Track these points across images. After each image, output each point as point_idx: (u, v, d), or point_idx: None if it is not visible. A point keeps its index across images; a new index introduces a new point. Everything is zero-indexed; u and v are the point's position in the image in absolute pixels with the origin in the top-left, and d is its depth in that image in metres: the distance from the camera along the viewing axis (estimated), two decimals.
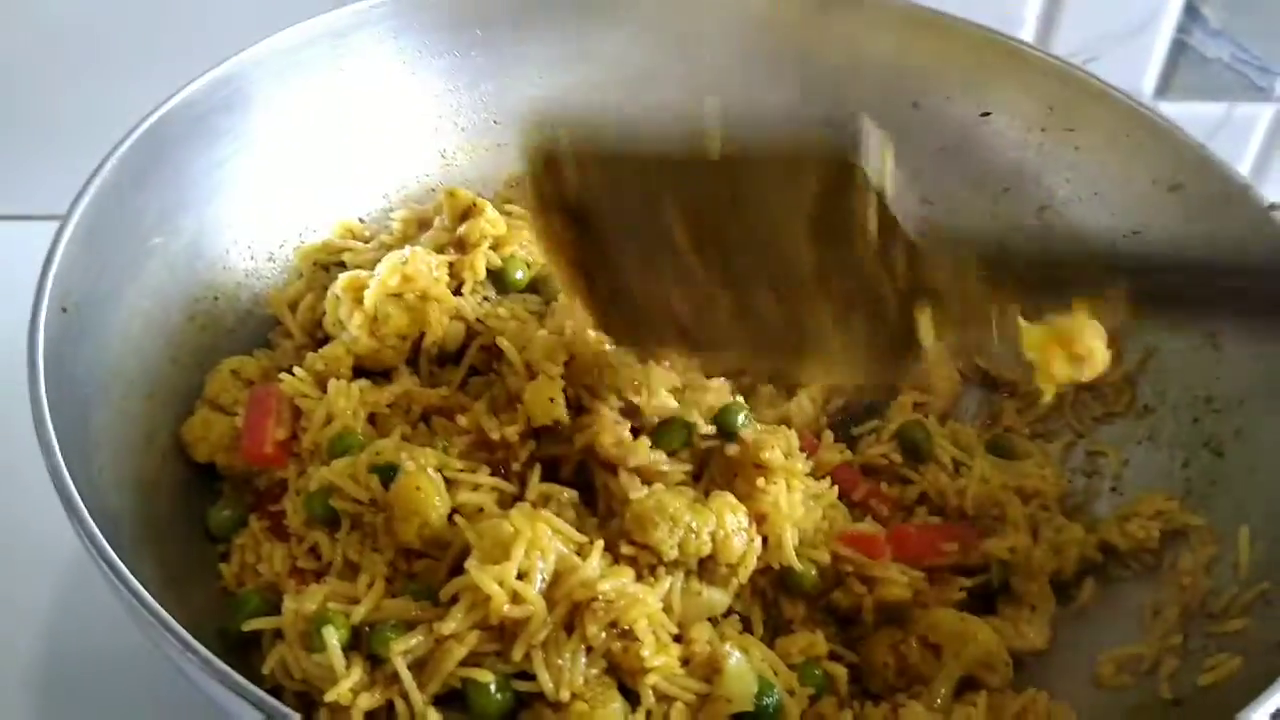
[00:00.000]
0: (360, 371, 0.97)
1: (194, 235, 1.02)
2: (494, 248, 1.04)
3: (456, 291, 1.00)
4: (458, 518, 0.83)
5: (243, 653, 0.84)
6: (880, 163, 0.75)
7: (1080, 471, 1.08)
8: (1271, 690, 0.76)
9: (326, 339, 1.00)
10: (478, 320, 0.98)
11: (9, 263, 0.95)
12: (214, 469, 0.97)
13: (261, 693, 0.66)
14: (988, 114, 1.17)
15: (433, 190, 1.18)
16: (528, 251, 1.05)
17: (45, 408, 0.78)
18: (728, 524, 0.84)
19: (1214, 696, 0.85)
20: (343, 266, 1.05)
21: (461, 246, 1.02)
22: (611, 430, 0.89)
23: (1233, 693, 0.83)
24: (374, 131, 1.15)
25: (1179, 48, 1.49)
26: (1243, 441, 0.98)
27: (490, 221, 1.04)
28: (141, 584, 0.71)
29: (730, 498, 0.86)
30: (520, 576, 0.78)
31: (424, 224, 1.08)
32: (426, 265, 0.97)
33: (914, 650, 0.89)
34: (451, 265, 1.01)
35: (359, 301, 0.95)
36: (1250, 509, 0.94)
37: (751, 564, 0.85)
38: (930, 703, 0.86)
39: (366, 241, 1.10)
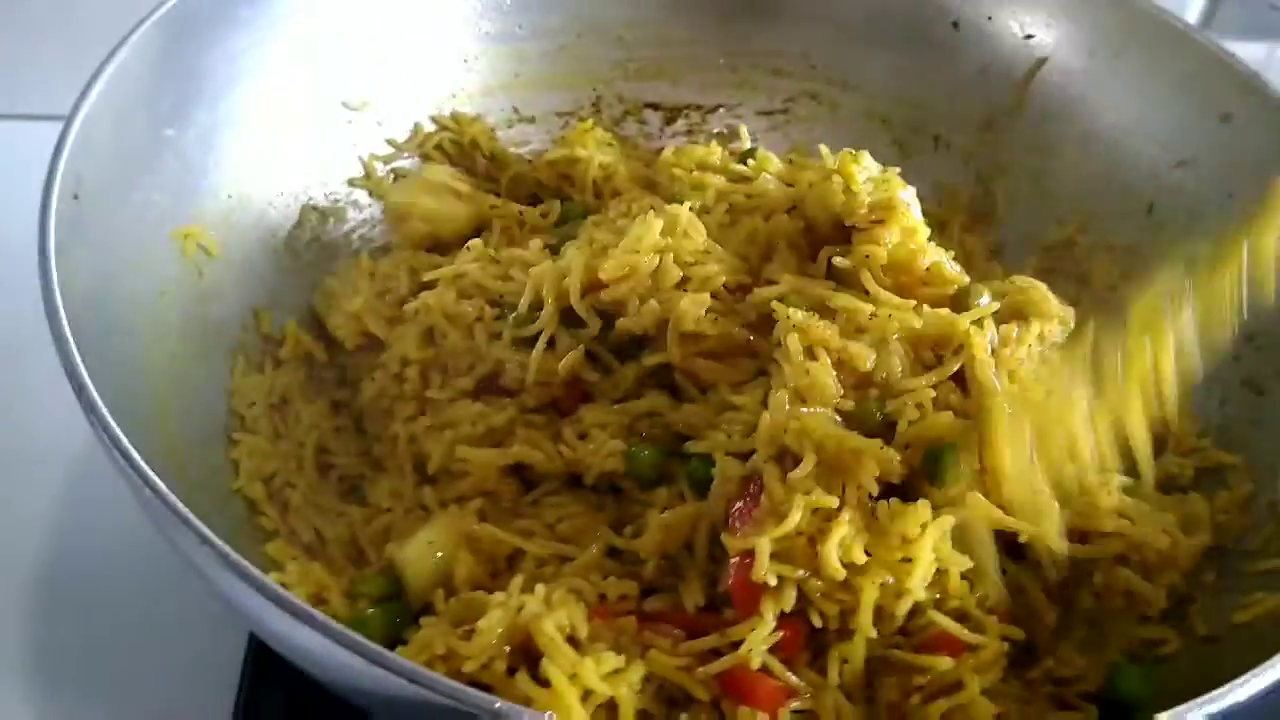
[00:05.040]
0: None
1: (207, 129, 0.98)
2: None
3: None
4: None
5: None
6: None
7: None
8: None
9: None
10: None
11: (20, 161, 0.90)
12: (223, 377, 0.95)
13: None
14: (1031, 36, 1.14)
15: (453, 95, 1.15)
16: None
17: (58, 297, 0.75)
18: None
19: (1248, 633, 0.83)
20: None
21: None
22: None
23: (1269, 630, 0.82)
24: (397, 31, 1.10)
25: None
26: None
27: None
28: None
29: None
30: None
31: None
32: None
33: None
34: None
35: None
36: None
37: None
38: None
39: None
